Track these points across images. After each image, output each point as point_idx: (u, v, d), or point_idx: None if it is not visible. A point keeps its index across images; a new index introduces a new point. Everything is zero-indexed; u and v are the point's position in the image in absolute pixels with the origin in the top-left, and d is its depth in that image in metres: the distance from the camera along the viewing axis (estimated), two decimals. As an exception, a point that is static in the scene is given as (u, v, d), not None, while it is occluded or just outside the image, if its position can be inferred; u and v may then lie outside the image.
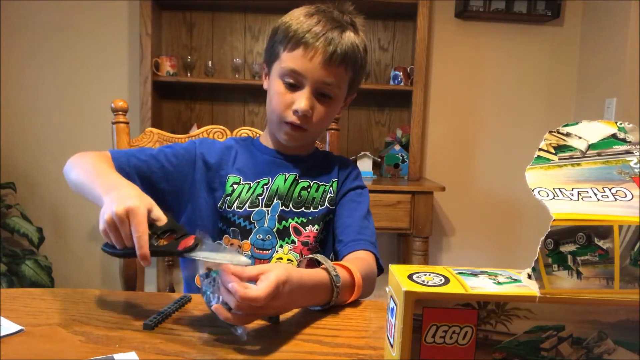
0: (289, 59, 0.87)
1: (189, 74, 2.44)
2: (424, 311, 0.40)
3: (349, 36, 0.88)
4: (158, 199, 0.70)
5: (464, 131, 2.62)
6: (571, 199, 0.41)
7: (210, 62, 2.45)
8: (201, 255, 0.59)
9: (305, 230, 0.93)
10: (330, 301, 0.70)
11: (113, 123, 1.11)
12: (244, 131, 1.16)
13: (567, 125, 0.47)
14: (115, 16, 2.46)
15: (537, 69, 2.58)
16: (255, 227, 0.91)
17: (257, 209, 0.91)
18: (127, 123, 1.12)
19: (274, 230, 0.91)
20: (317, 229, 0.93)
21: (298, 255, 0.91)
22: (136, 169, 0.88)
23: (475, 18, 2.52)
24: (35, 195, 2.52)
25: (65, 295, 0.73)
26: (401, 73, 2.42)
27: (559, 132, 0.47)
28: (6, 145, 2.49)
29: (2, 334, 0.58)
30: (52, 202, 2.54)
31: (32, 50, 2.45)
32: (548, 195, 0.41)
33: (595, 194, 0.41)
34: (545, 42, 2.56)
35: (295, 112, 0.87)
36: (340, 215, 0.96)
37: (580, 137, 0.46)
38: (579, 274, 0.39)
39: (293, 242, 0.92)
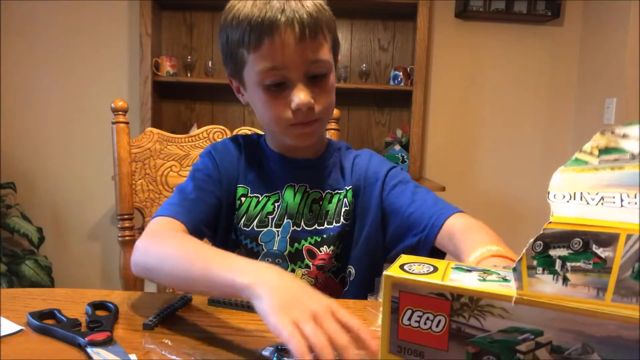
0: (259, 60, 0.72)
1: (189, 74, 2.44)
2: (400, 294, 0.42)
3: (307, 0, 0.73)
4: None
5: (464, 131, 2.62)
6: (588, 204, 0.38)
7: (210, 62, 2.45)
8: (95, 351, 0.54)
9: (320, 251, 0.82)
10: None
11: (113, 123, 1.11)
12: (244, 131, 1.16)
13: (629, 124, 0.40)
14: (115, 16, 2.46)
15: (537, 69, 2.58)
16: (263, 250, 0.81)
17: (266, 229, 0.82)
18: (127, 123, 1.12)
19: (285, 253, 0.81)
20: (332, 250, 0.82)
21: (313, 280, 0.81)
22: (202, 220, 0.78)
23: (475, 18, 2.52)
24: (35, 195, 2.52)
25: (65, 295, 0.73)
26: (401, 73, 2.42)
27: (614, 133, 0.40)
28: (6, 145, 2.49)
29: (2, 334, 0.58)
30: (52, 202, 2.54)
31: (32, 50, 2.46)
32: (564, 198, 0.39)
33: (622, 200, 0.37)
34: (545, 42, 2.56)
35: (297, 110, 0.73)
36: (395, 212, 0.81)
37: (636, 139, 0.39)
38: (565, 279, 0.37)
39: (307, 266, 0.81)
